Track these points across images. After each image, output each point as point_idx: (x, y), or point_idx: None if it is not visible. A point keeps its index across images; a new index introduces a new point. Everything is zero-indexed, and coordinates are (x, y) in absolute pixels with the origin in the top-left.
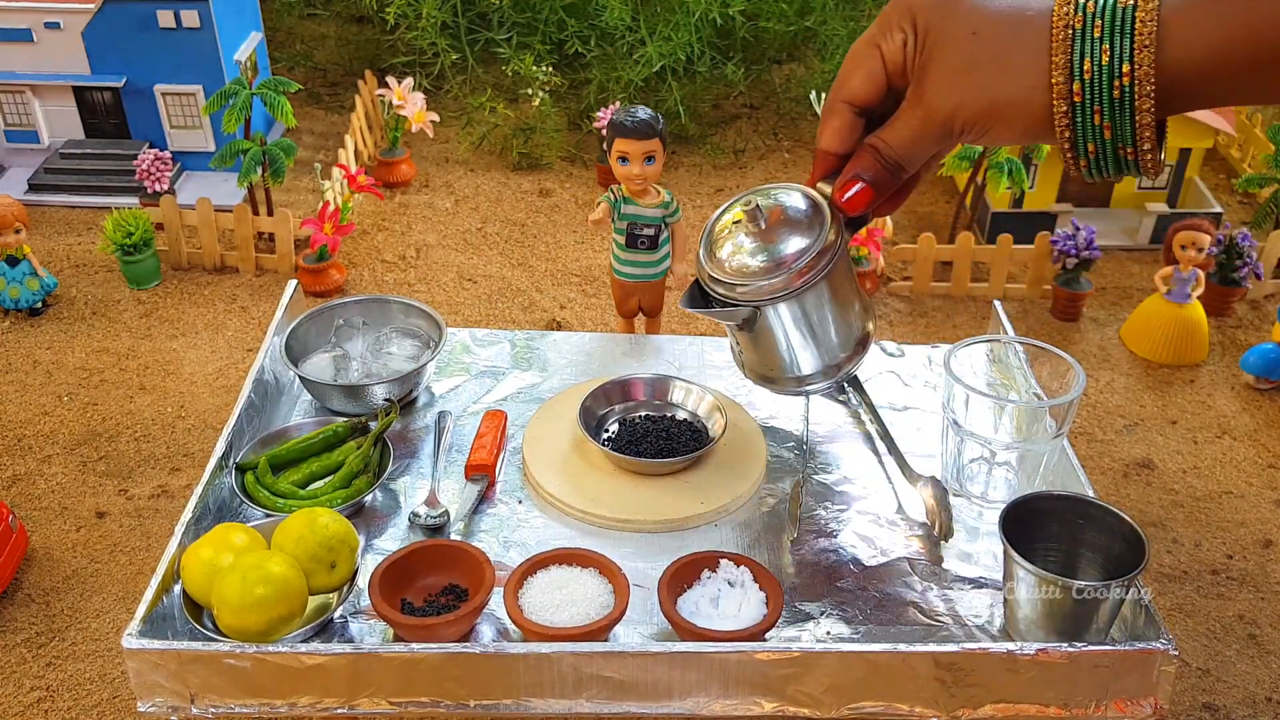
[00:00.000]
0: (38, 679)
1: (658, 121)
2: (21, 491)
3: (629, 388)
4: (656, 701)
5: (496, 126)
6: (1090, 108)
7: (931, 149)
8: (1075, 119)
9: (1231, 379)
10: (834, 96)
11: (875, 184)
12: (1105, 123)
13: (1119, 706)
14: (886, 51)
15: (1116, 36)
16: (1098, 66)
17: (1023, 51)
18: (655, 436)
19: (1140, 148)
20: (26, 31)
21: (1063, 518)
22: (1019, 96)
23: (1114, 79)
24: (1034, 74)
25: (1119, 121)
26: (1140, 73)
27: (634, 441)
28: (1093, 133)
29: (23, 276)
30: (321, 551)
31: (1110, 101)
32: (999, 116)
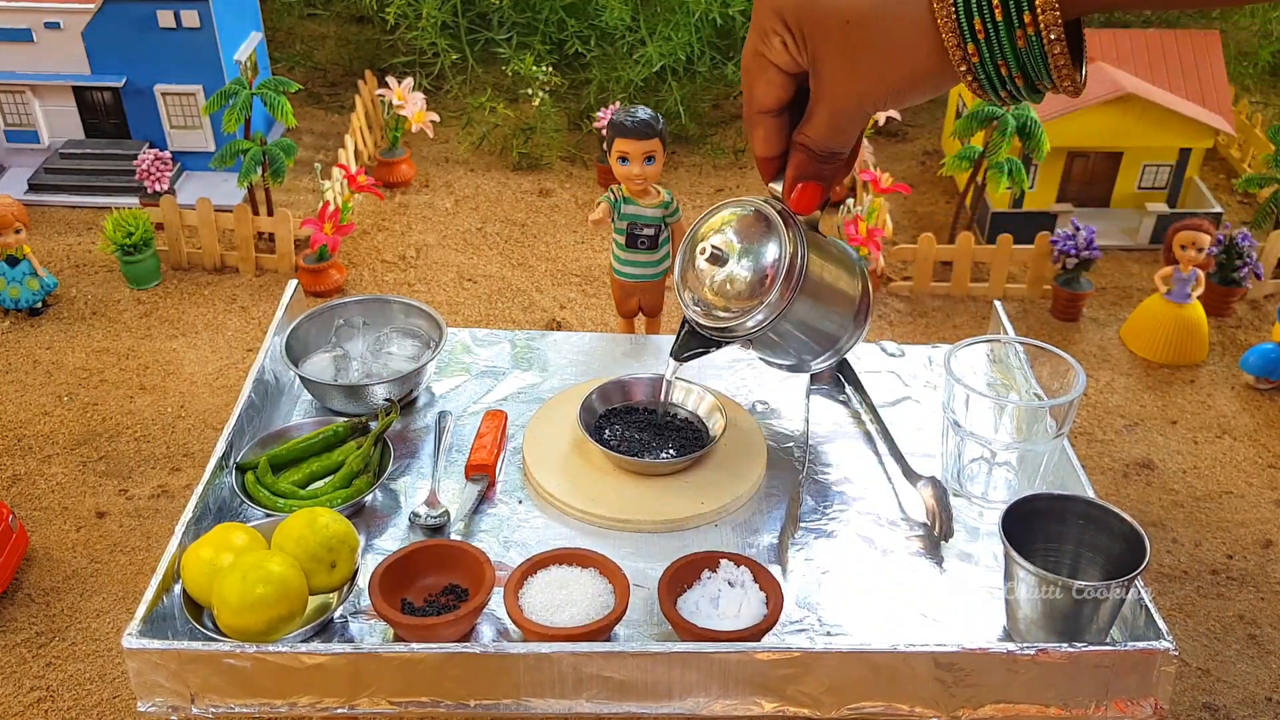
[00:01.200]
0: (38, 679)
1: (658, 121)
2: (22, 491)
3: (629, 388)
4: (656, 701)
5: (496, 126)
6: (994, 63)
7: (854, 131)
8: (980, 75)
9: (1231, 379)
10: (749, 110)
11: (818, 178)
12: (1015, 74)
13: (1119, 707)
14: (773, 58)
15: None
16: (990, 25)
17: (904, 27)
18: (655, 437)
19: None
20: (26, 31)
21: (1063, 518)
22: (918, 68)
23: (1014, 30)
24: (923, 44)
25: (1030, 65)
26: (1045, 18)
27: (634, 442)
28: (1002, 81)
29: (23, 276)
30: (322, 551)
31: (1015, 52)
32: (903, 91)
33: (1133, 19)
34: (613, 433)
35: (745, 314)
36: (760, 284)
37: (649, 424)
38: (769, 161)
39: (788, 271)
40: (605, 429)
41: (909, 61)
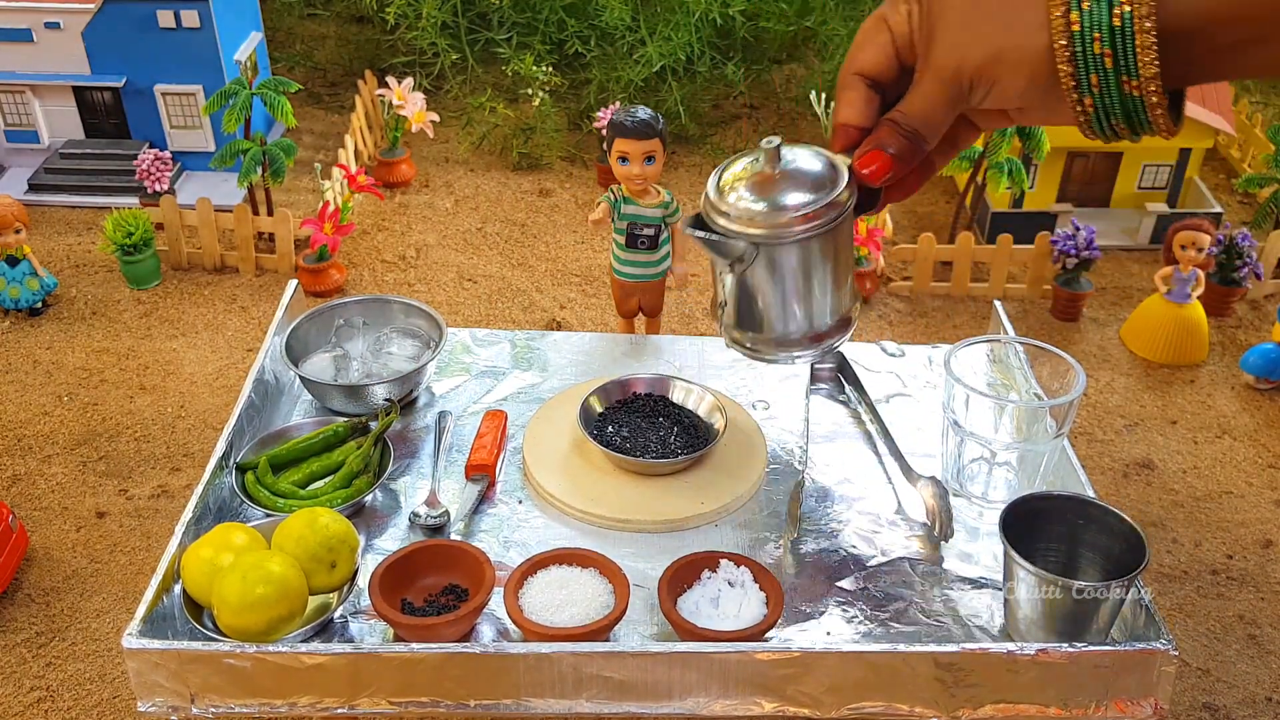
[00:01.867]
0: (38, 679)
1: (658, 121)
2: (22, 491)
3: (629, 387)
4: (656, 701)
5: (496, 126)
6: (1090, 35)
7: (947, 113)
8: (1076, 50)
9: (1231, 379)
10: (846, 69)
11: (896, 155)
12: (1106, 49)
13: (1119, 707)
14: (894, 24)
15: None
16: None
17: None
18: (656, 437)
19: (1144, 75)
20: (26, 31)
21: (1063, 518)
22: (1022, 40)
23: (1113, 6)
24: (1033, 15)
25: (1120, 48)
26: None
27: (634, 442)
28: (1094, 62)
29: (23, 276)
30: (322, 551)
31: (1110, 28)
32: (1004, 63)
33: None
34: (613, 432)
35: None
36: (795, 202)
37: (649, 423)
38: (846, 130)
39: (829, 204)
40: (605, 428)
41: (1016, 30)
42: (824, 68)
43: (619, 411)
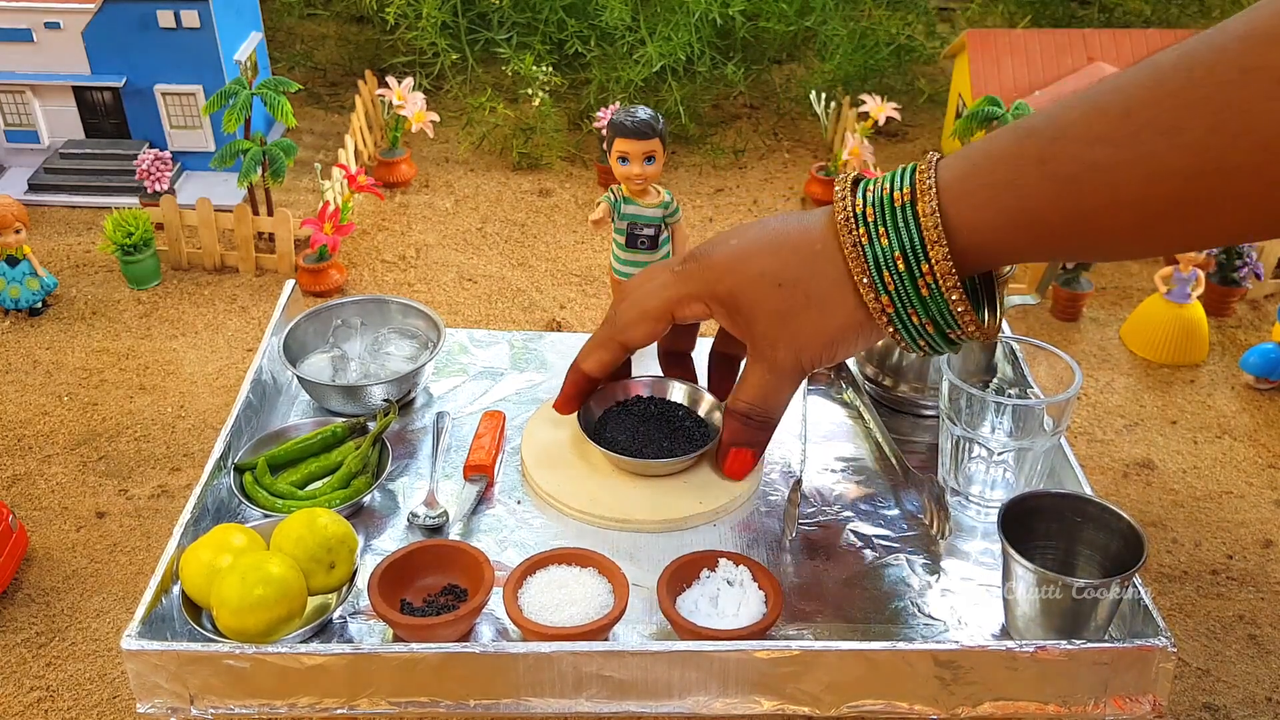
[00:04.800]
0: (38, 679)
1: (658, 121)
2: (21, 491)
3: (629, 387)
4: (656, 700)
5: (496, 126)
6: (905, 312)
7: (791, 391)
8: (898, 324)
9: (1231, 379)
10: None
11: (755, 445)
12: (925, 321)
13: (1118, 704)
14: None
15: (904, 236)
16: (896, 275)
17: (829, 283)
18: (657, 436)
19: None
20: (26, 31)
21: (1061, 516)
22: (846, 321)
23: (916, 279)
24: (847, 298)
25: (937, 313)
26: (939, 267)
27: (635, 441)
28: (917, 331)
29: (22, 276)
30: (320, 552)
31: (920, 300)
32: (839, 344)
33: (1133, 19)
34: (613, 432)
35: None
36: None
37: (649, 423)
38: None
39: None
40: (605, 428)
41: (838, 315)
42: (824, 68)
43: (618, 411)
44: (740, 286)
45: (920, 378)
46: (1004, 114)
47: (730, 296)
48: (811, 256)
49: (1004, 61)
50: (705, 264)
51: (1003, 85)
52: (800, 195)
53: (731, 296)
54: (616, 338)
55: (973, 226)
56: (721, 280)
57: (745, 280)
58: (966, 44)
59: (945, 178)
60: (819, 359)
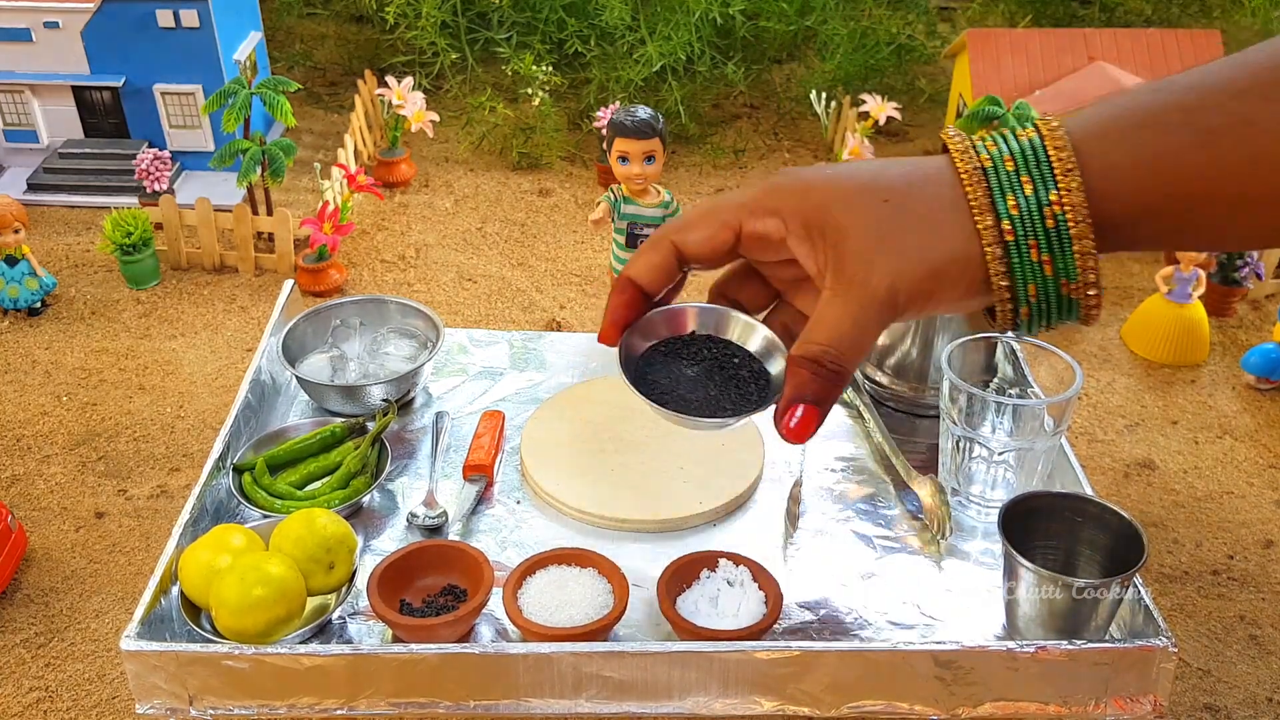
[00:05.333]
0: (37, 679)
1: (658, 121)
2: (20, 492)
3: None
4: (656, 701)
5: (496, 126)
6: (1025, 242)
7: (874, 340)
8: (1011, 260)
9: (1232, 379)
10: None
11: (821, 402)
12: (1044, 256)
13: (1119, 704)
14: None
15: (1033, 167)
16: (1022, 198)
17: (942, 205)
18: (706, 384)
19: (1085, 279)
20: (25, 31)
21: (1062, 516)
22: (958, 250)
23: (1043, 207)
24: (962, 224)
25: (1058, 253)
26: (1070, 198)
27: (679, 388)
28: (1032, 271)
29: (22, 276)
30: (320, 552)
31: (1045, 232)
32: (942, 277)
33: (1133, 18)
34: (655, 374)
35: None
36: None
37: (700, 367)
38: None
39: None
40: (648, 370)
41: (949, 240)
42: (824, 67)
43: (665, 354)
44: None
45: (920, 378)
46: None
47: (818, 211)
48: (923, 180)
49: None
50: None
51: (1003, 85)
52: None
53: (820, 211)
54: (669, 235)
55: (1105, 168)
56: (810, 193)
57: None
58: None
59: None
60: (917, 292)
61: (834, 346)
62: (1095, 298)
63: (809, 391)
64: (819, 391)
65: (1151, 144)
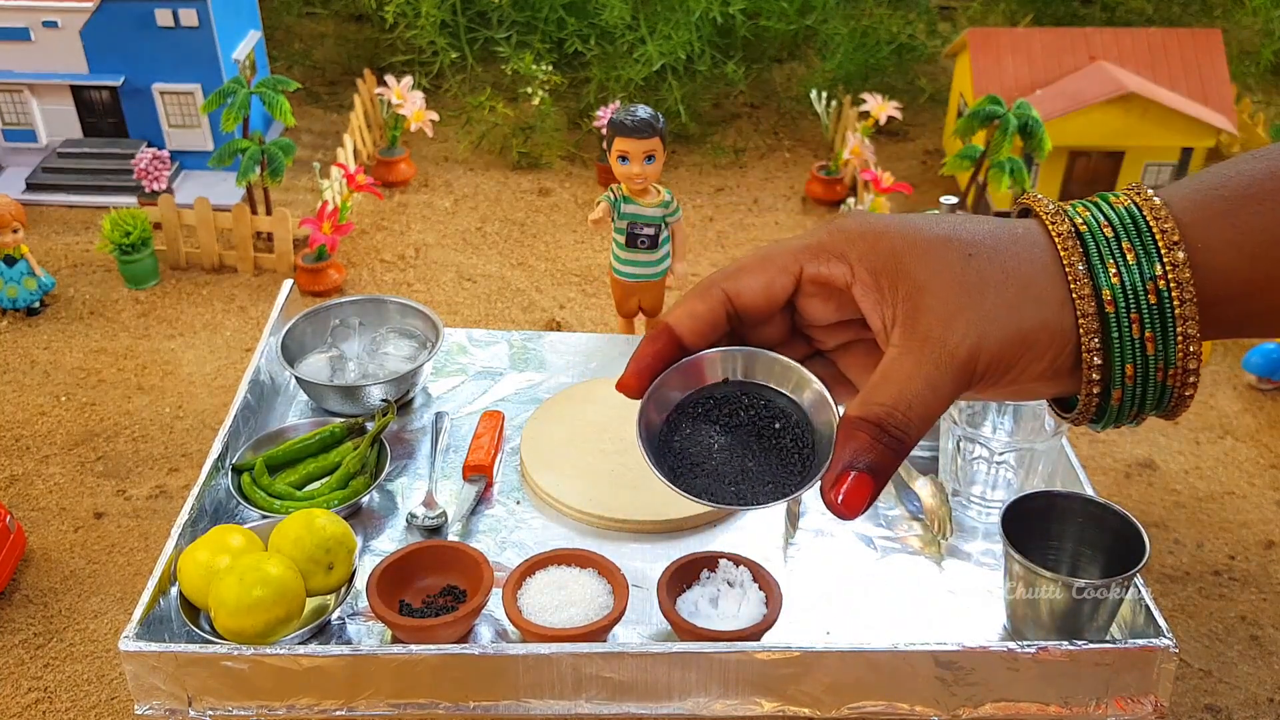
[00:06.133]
0: (36, 680)
1: (658, 120)
2: (19, 492)
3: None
4: (656, 702)
5: (496, 126)
6: (1127, 316)
7: (946, 407)
8: (1110, 335)
9: (1234, 379)
10: (712, 279)
11: (879, 473)
12: (1148, 333)
13: (1119, 705)
14: (811, 274)
15: (1134, 236)
16: (1124, 268)
17: (1034, 268)
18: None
19: (1186, 365)
20: (24, 30)
21: (1062, 516)
22: (1050, 317)
23: (1146, 281)
24: (1055, 290)
25: (1161, 331)
26: (1176, 274)
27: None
28: (1132, 349)
29: (20, 276)
30: (319, 553)
31: (1148, 306)
32: (1029, 346)
33: (1134, 17)
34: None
35: None
36: None
37: (735, 435)
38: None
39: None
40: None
41: (1043, 304)
42: (825, 67)
43: (694, 413)
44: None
45: None
46: (1005, 113)
47: (892, 258)
48: (1011, 239)
49: (1005, 60)
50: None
51: (1004, 84)
52: (801, 195)
53: (893, 260)
54: (720, 283)
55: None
56: (884, 238)
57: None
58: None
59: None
60: (1000, 359)
61: (900, 409)
62: (1192, 386)
63: (866, 460)
64: (877, 460)
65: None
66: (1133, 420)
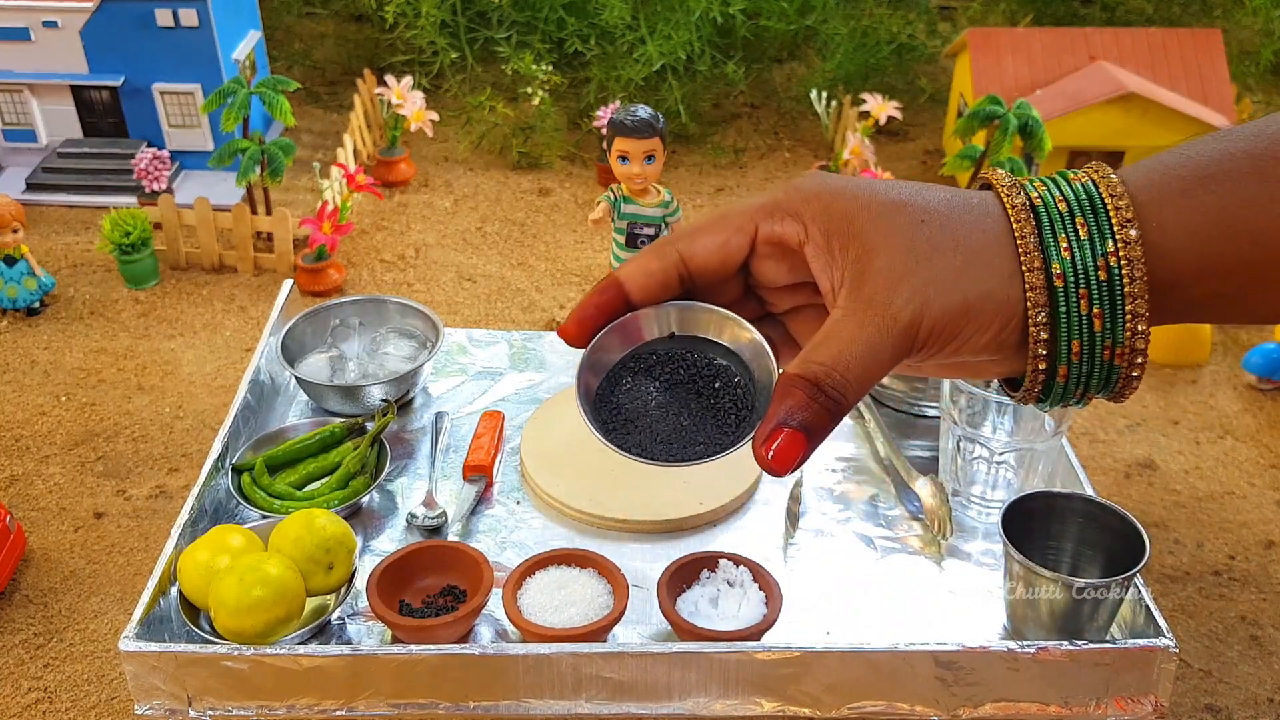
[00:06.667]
0: (36, 680)
1: (658, 120)
2: (19, 492)
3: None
4: (656, 702)
5: (496, 126)
6: (1076, 292)
7: (884, 372)
8: (1057, 309)
9: (1234, 379)
10: (670, 239)
11: (812, 431)
12: (1095, 309)
13: (1119, 705)
14: (765, 233)
15: (1088, 213)
16: (1076, 243)
17: (985, 238)
18: (680, 414)
19: (1133, 345)
20: (24, 30)
21: (1062, 516)
22: (997, 288)
23: (1097, 257)
24: (1005, 261)
25: (1109, 308)
26: (1127, 251)
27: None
28: (1079, 324)
29: (20, 276)
30: (319, 553)
31: (1097, 283)
32: (973, 316)
33: (1134, 17)
34: (621, 398)
35: None
36: None
37: (674, 392)
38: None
39: None
40: (613, 393)
41: (989, 275)
42: (825, 66)
43: (635, 369)
44: (863, 210)
45: (920, 377)
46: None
47: (843, 221)
48: (965, 207)
49: (1005, 60)
50: (817, 181)
51: (1004, 84)
52: None
53: (845, 221)
54: (675, 243)
55: (1162, 224)
56: (839, 199)
57: (873, 205)
58: (968, 43)
59: (1130, 171)
60: (942, 328)
61: (838, 369)
62: (1139, 368)
63: (800, 417)
64: (812, 419)
65: (1214, 200)
66: (1079, 401)
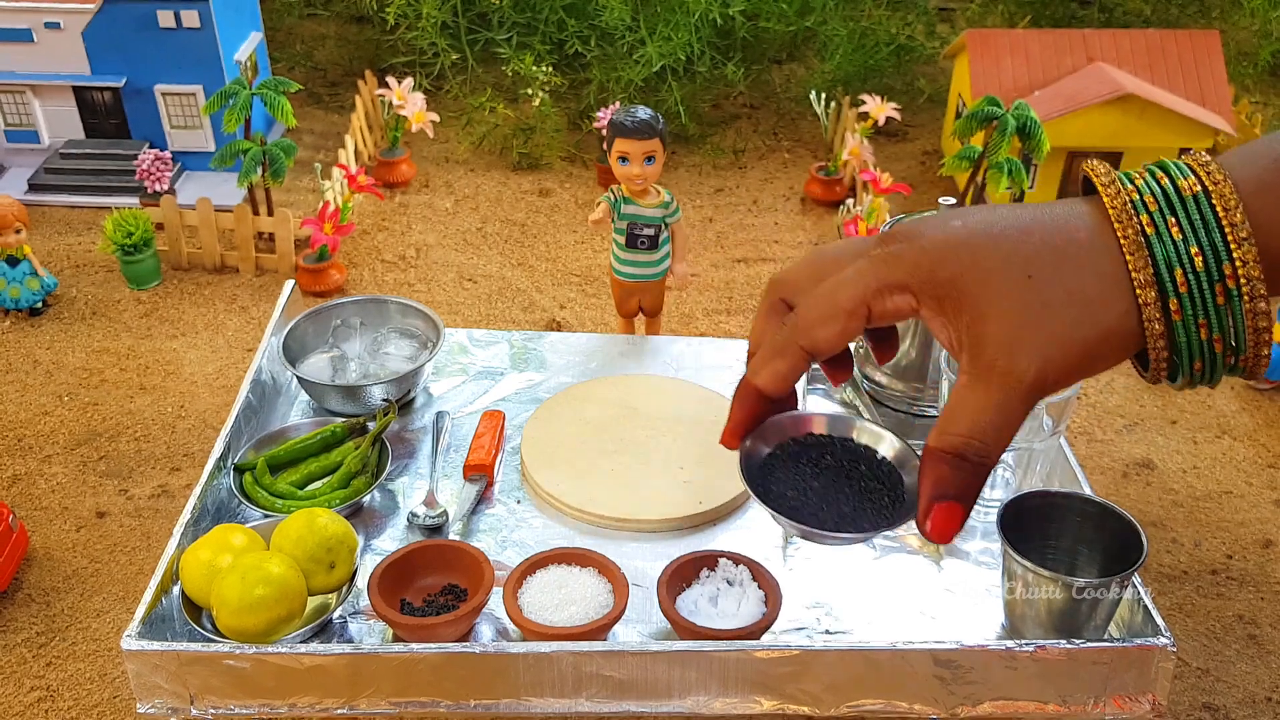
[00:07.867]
0: (38, 679)
1: (658, 121)
2: (22, 491)
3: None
4: (656, 700)
5: (496, 126)
6: (1194, 323)
7: (1020, 422)
8: (1176, 339)
9: (1232, 379)
10: (788, 338)
11: (965, 498)
12: (1215, 335)
13: (1117, 703)
14: (879, 311)
15: (1201, 234)
16: (1192, 275)
17: (1099, 280)
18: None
19: (1257, 353)
20: (26, 31)
21: (1061, 515)
22: (1114, 325)
23: (1214, 284)
24: (1120, 298)
25: (1229, 330)
26: (1245, 270)
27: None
28: (1200, 349)
29: (23, 276)
30: (320, 552)
31: (1215, 310)
32: (1095, 355)
33: (1133, 19)
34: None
35: None
36: None
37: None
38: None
39: None
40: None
41: (1106, 318)
42: (824, 68)
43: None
44: (970, 273)
45: (920, 377)
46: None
47: (953, 286)
48: (1073, 248)
49: (1004, 61)
50: (918, 244)
51: (1003, 85)
52: (800, 195)
53: (955, 286)
54: (797, 341)
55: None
56: (943, 264)
57: (979, 266)
58: (966, 44)
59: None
60: (1067, 376)
61: (976, 437)
62: (1265, 360)
63: (951, 488)
64: (961, 487)
65: None
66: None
